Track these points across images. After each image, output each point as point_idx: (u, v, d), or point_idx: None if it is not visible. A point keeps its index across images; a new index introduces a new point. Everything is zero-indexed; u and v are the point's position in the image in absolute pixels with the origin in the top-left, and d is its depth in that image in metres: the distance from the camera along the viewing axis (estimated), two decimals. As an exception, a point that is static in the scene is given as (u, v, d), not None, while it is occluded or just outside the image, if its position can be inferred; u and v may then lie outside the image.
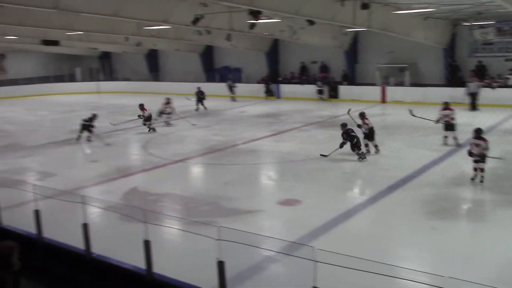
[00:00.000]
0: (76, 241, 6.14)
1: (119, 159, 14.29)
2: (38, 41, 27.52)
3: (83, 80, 37.86)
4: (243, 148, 15.29)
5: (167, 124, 19.79)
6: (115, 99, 30.17)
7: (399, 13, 19.10)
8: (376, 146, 13.56)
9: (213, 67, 32.77)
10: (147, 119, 18.55)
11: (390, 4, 18.34)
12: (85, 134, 17.04)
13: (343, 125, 13.12)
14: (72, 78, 37.72)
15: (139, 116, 18.64)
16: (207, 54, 32.66)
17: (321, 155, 13.37)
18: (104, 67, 38.22)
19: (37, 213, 6.51)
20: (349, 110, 14.27)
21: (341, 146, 13.03)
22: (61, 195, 7.72)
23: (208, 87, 26.79)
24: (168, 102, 20.29)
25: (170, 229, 7.44)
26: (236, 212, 9.21)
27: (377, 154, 13.41)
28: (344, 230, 8.26)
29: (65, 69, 37.13)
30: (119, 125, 19.24)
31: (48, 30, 23.10)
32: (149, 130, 18.44)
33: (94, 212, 7.86)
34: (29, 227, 6.68)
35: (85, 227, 5.98)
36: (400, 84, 25.26)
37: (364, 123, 13.40)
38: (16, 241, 3.95)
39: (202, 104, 24.47)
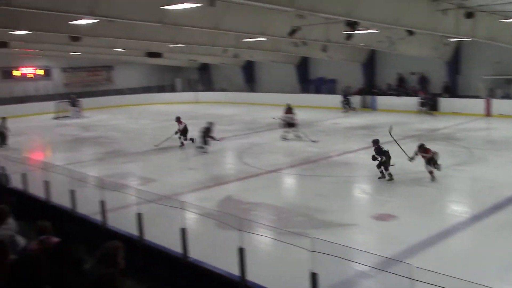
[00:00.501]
0: (174, 245, 6.39)
1: (214, 168, 14.73)
2: (142, 53, 29.18)
3: (183, 90, 39.56)
4: (337, 160, 15.14)
5: (287, 137, 18.88)
6: (212, 109, 31.20)
7: (507, 22, 18.00)
8: (431, 172, 12.05)
9: (308, 78, 32.83)
10: (183, 133, 18.37)
11: (497, 12, 17.33)
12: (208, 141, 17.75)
13: (375, 142, 12.41)
14: (172, 89, 39.66)
15: (176, 132, 18.44)
16: (303, 65, 32.77)
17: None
18: (203, 78, 39.66)
19: (139, 216, 6.88)
20: (390, 129, 13.28)
21: (374, 159, 12.22)
22: (161, 200, 8.12)
23: (303, 98, 26.87)
24: (289, 111, 19.66)
25: (264, 238, 7.52)
26: (328, 225, 9.13)
27: (433, 181, 11.94)
28: (442, 249, 7.89)
29: (166, 80, 39.16)
30: (162, 144, 18.60)
31: (152, 43, 24.41)
32: (181, 145, 18.24)
33: (191, 218, 8.17)
34: (131, 229, 7.08)
35: (183, 232, 6.22)
36: (507, 96, 23.75)
37: (423, 156, 12.07)
38: (120, 241, 4.20)
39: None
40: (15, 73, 35.32)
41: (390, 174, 12.15)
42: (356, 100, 28.47)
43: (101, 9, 13.26)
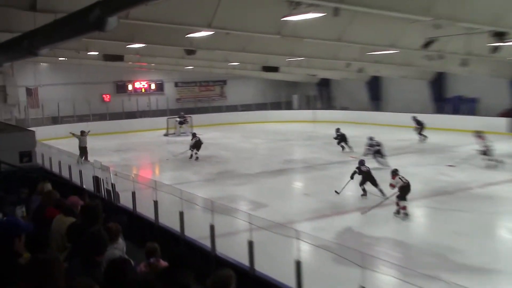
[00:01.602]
0: (287, 278, 6.38)
1: (332, 194, 14.60)
2: (258, 68, 29.98)
3: (300, 108, 40.07)
4: (478, 192, 14.31)
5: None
6: (332, 129, 31.17)
7: None
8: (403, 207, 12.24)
9: (443, 97, 31.51)
10: (194, 146, 21.76)
11: None
12: (377, 158, 18.40)
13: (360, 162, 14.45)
14: (289, 106, 40.29)
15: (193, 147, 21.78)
16: (438, 82, 31.54)
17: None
18: (322, 94, 39.79)
19: (250, 244, 6.97)
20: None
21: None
22: (273, 227, 8.18)
23: (437, 119, 25.86)
24: (481, 136, 18.99)
25: (389, 278, 7.27)
26: (467, 269, 8.61)
27: (405, 218, 12.07)
28: None
29: (283, 96, 39.86)
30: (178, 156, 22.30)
31: (268, 56, 25.03)
32: (190, 157, 21.85)
33: (306, 249, 8.14)
34: (241, 257, 7.20)
35: (297, 265, 6.18)
36: None
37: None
38: (231, 270, 4.26)
39: (421, 134, 24.50)
40: (128, 87, 38.28)
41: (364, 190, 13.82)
42: (501, 122, 26.76)
43: (218, 21, 13.85)
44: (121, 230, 5.71)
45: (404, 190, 12.40)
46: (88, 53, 23.23)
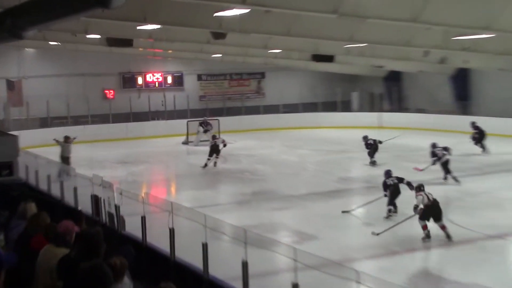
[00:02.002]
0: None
1: (403, 225, 14.44)
2: (306, 56, 29.94)
3: (360, 109, 40.08)
4: None
5: None
6: (402, 137, 30.86)
7: None
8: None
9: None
10: (210, 153, 23.44)
11: None
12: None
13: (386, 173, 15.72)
14: (346, 107, 40.28)
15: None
16: (548, 77, 31.01)
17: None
18: (391, 92, 39.44)
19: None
20: None
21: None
22: (325, 266, 8.12)
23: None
24: None
25: None
26: None
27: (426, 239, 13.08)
28: None
29: (338, 94, 39.70)
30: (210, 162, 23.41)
31: (320, 42, 24.98)
32: (205, 165, 23.22)
33: (368, 297, 8.06)
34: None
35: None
36: None
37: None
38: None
39: (481, 144, 24.95)
40: (138, 80, 38.85)
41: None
42: None
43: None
44: (127, 265, 5.75)
45: (429, 209, 13.12)
46: (88, 37, 23.66)
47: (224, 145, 24.13)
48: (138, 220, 10.49)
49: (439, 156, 19.48)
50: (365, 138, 23.90)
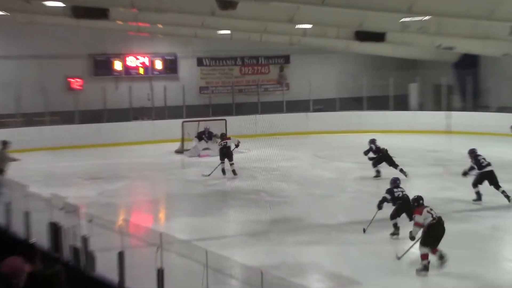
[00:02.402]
0: None
1: (486, 266, 14.36)
2: (346, 34, 29.91)
3: (421, 107, 40.18)
4: None
5: None
6: (482, 146, 30.63)
7: None
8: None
9: None
10: (225, 155, 25.04)
11: None
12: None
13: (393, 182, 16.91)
14: (401, 103, 40.20)
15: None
16: None
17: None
18: (463, 84, 39.08)
19: None
20: None
21: None
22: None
23: None
24: None
25: None
26: None
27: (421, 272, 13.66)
28: None
29: (390, 87, 39.59)
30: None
31: (367, 15, 24.87)
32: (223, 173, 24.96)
33: None
34: None
35: None
36: None
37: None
38: None
39: None
40: (115, 65, 38.99)
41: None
42: None
43: None
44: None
45: (432, 230, 13.76)
46: (47, 4, 23.63)
47: (237, 145, 24.87)
48: (114, 257, 10.47)
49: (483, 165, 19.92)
50: (373, 141, 25.29)
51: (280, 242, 16.68)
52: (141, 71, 39.46)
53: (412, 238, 14.13)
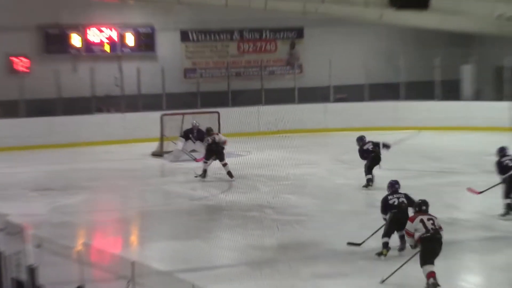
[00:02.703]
0: None
1: None
2: (379, 0, 29.98)
3: (477, 96, 40.39)
4: None
5: None
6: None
7: None
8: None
9: None
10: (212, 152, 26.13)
11: None
12: None
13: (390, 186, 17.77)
14: (451, 91, 40.32)
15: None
16: None
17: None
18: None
19: None
20: None
21: None
22: None
23: None
24: None
25: None
26: None
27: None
28: None
29: (436, 70, 39.81)
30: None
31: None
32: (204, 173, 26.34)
33: None
34: None
35: None
36: None
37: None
38: None
39: None
40: (72, 40, 38.89)
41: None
42: None
43: None
44: None
45: (423, 245, 14.30)
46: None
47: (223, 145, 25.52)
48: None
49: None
50: (361, 140, 26.21)
51: (292, 274, 16.66)
52: (107, 48, 39.53)
53: (413, 247, 14.64)
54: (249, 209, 22.45)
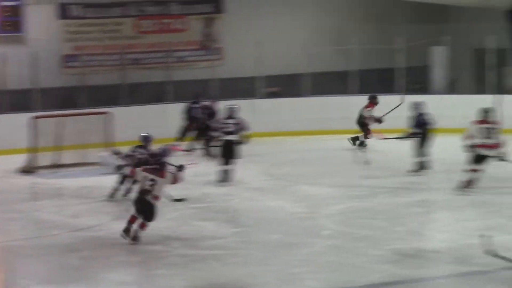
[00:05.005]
0: None
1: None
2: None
3: (452, 87, 40.96)
4: None
5: None
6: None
7: None
8: None
9: None
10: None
11: None
12: None
13: None
14: (417, 81, 40.56)
15: None
16: None
17: None
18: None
19: None
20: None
21: None
22: None
23: None
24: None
25: None
26: None
27: None
28: None
29: (394, 52, 40.07)
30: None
31: None
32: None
33: None
34: None
35: None
36: None
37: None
38: None
39: None
40: None
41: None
42: None
43: None
44: None
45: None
46: None
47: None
48: None
49: None
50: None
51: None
52: None
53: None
54: (151, 241, 22.58)
